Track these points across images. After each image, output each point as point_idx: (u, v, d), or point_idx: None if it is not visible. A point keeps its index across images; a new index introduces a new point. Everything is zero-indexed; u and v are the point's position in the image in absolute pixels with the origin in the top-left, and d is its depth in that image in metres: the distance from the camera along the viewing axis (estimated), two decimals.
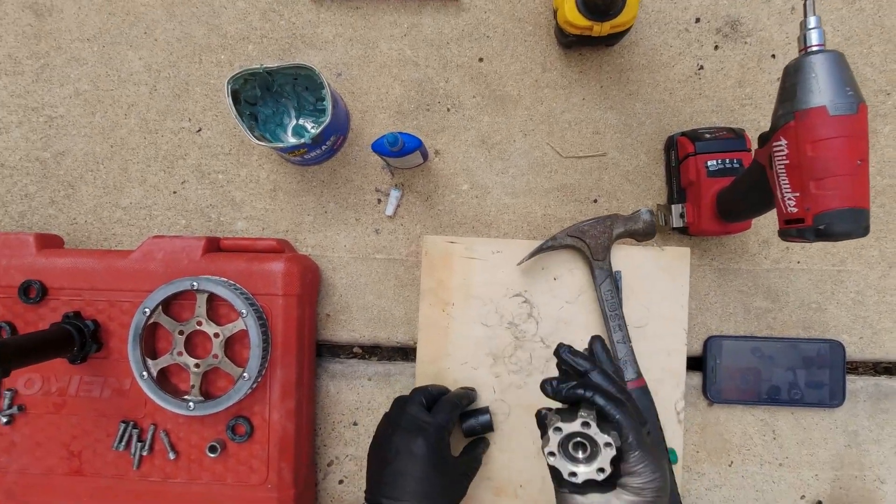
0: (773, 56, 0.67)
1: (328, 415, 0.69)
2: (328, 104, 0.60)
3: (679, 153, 0.64)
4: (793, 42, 0.67)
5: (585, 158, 0.69)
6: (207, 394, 0.62)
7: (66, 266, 0.62)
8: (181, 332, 0.60)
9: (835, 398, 0.66)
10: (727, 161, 0.60)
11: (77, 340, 0.60)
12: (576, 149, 0.69)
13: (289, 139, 0.68)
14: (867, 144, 0.41)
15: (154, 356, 0.61)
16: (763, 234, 0.67)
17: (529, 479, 0.65)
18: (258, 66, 0.60)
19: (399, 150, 0.59)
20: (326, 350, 0.72)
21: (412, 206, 0.69)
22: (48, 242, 0.65)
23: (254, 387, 0.60)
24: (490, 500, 0.65)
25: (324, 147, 0.64)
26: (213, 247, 0.64)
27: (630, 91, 0.68)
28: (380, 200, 0.69)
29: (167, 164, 0.70)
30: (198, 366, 0.60)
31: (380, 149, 0.60)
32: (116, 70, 0.70)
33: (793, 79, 0.42)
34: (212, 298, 0.61)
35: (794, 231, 0.44)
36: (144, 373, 0.59)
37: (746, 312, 0.67)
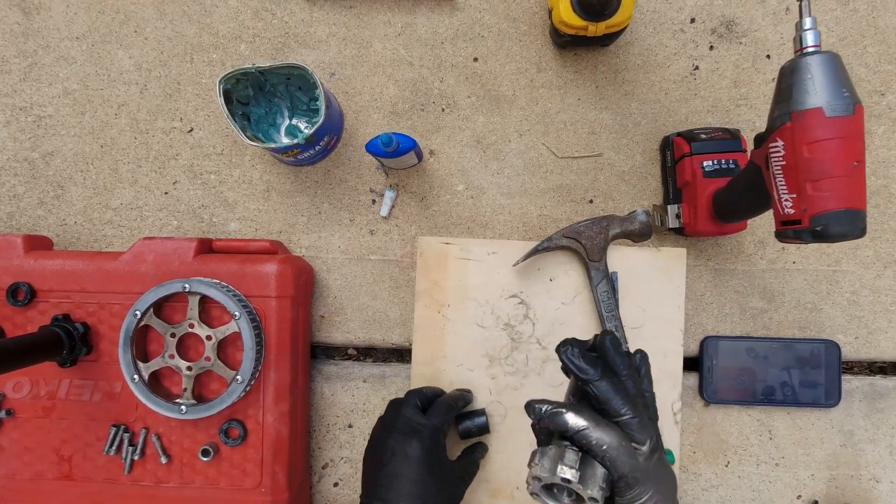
0: (768, 56, 0.67)
1: (323, 417, 0.68)
2: (321, 104, 0.59)
3: (675, 154, 0.64)
4: (787, 42, 0.67)
5: (581, 159, 0.68)
6: (200, 397, 0.61)
7: (56, 268, 0.61)
8: (173, 335, 0.59)
9: (830, 398, 0.66)
10: (723, 162, 0.60)
11: (66, 343, 0.59)
12: (571, 149, 0.68)
13: (282, 139, 0.67)
14: (864, 146, 0.41)
15: (145, 359, 0.60)
16: (759, 235, 0.67)
17: None
18: (250, 66, 0.59)
19: (393, 151, 0.59)
20: (321, 352, 0.71)
21: (407, 207, 0.69)
22: (37, 244, 0.64)
23: (247, 390, 0.59)
24: (487, 503, 0.65)
25: (317, 147, 0.64)
26: (206, 248, 0.64)
27: (625, 91, 0.68)
28: (374, 201, 0.69)
29: (158, 165, 0.69)
30: (190, 369, 0.59)
31: (374, 149, 0.59)
32: (106, 69, 0.69)
33: (789, 80, 0.42)
34: (204, 300, 0.60)
35: (791, 232, 0.44)
36: (135, 376, 0.58)
37: (742, 313, 0.67)
